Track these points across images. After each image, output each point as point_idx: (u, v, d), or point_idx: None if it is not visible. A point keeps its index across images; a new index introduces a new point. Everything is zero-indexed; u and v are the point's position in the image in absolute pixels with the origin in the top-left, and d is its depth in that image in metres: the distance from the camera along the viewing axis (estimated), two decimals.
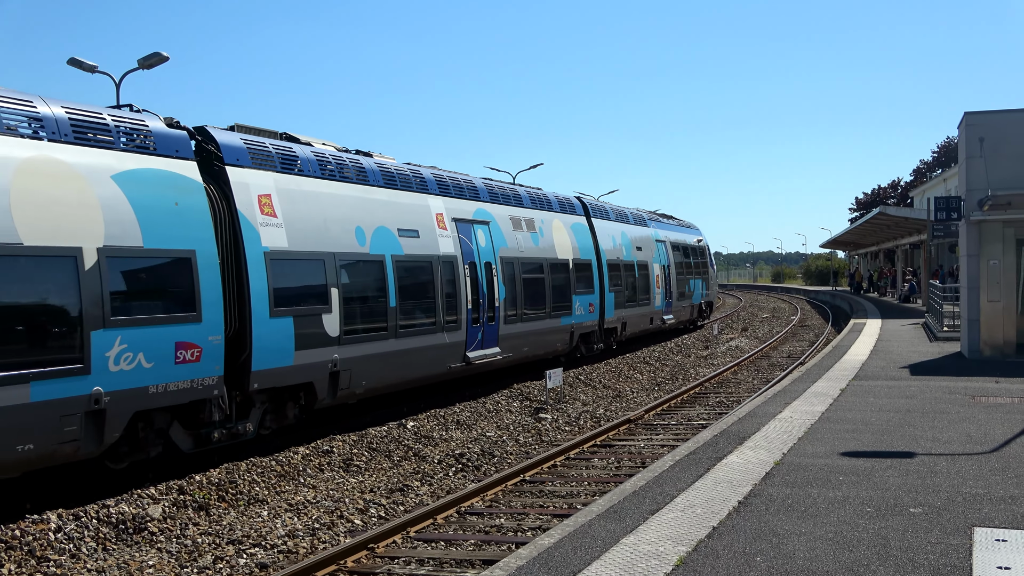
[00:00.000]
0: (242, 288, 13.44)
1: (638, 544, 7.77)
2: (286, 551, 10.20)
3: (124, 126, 12.36)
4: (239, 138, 14.37)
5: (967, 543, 7.60)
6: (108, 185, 11.63)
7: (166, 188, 12.45)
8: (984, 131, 21.18)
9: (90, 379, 10.96)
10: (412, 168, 19.14)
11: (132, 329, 11.53)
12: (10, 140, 10.69)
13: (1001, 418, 13.63)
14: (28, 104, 11.19)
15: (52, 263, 10.76)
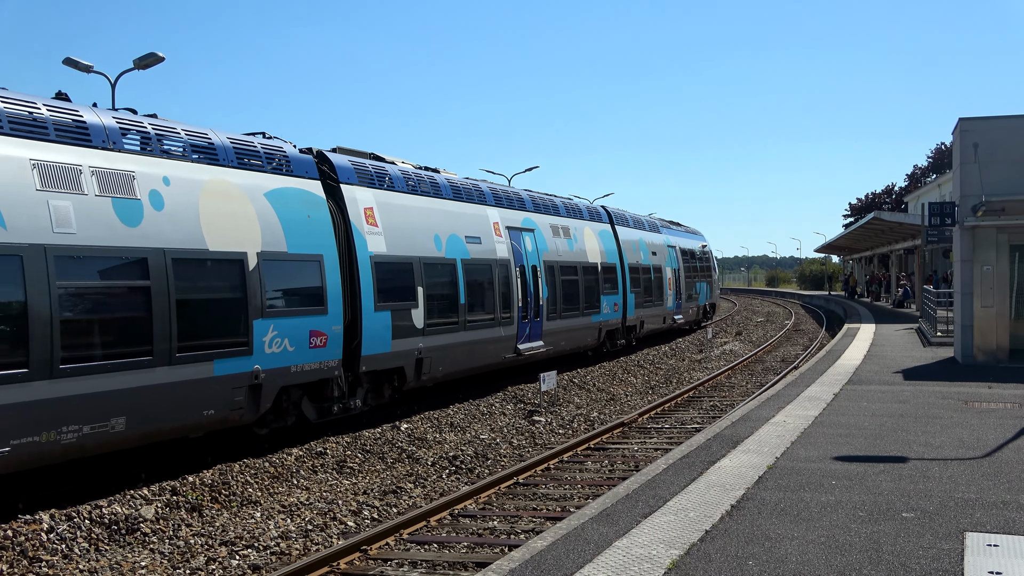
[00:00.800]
0: (354, 286, 16.04)
1: (631, 547, 7.78)
2: (279, 552, 10.19)
3: (269, 152, 14.92)
4: (347, 160, 17.05)
5: (959, 548, 7.63)
6: (262, 201, 14.16)
7: (300, 203, 15.04)
8: (978, 137, 21.26)
9: (252, 359, 13.48)
10: (472, 182, 21.85)
11: (280, 319, 14.12)
12: (195, 166, 13.25)
13: (994, 423, 13.67)
14: (205, 136, 13.78)
15: (228, 265, 13.28)
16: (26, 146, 10.93)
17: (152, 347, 11.95)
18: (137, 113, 13.24)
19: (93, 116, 12.15)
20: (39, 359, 10.47)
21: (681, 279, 37.72)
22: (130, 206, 11.97)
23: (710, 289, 44.96)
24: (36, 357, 10.45)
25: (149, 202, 12.27)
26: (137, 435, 11.98)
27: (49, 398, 10.60)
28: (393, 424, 16.59)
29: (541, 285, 23.10)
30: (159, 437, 12.64)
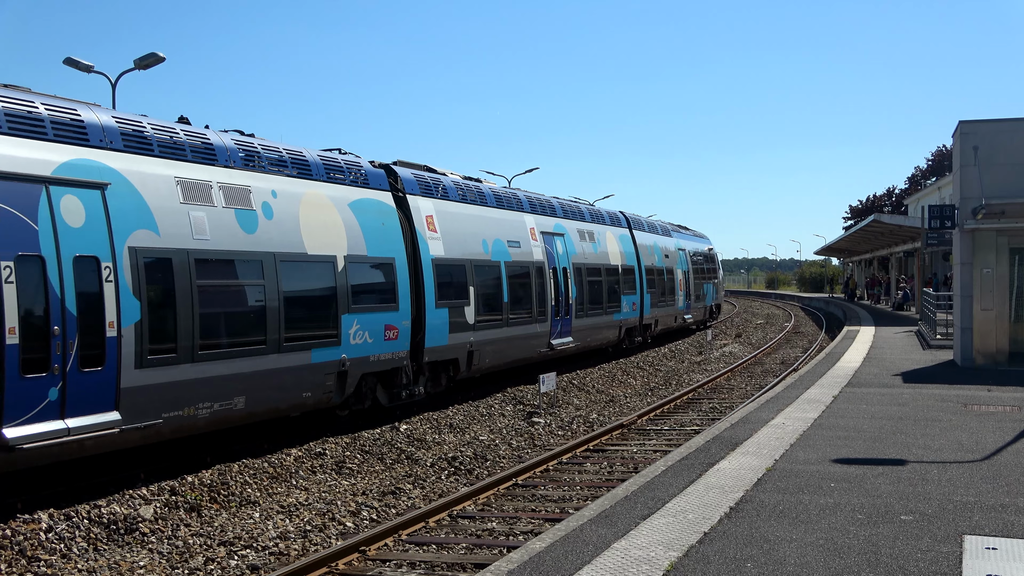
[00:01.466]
0: (419, 286, 17.92)
1: (629, 549, 7.78)
2: (277, 553, 10.19)
3: (350, 167, 16.82)
4: (411, 172, 19.07)
5: (957, 551, 7.63)
6: (346, 211, 16.14)
7: (376, 212, 17.04)
8: (978, 140, 21.26)
9: (340, 349, 15.42)
10: (511, 191, 24.23)
11: (362, 315, 16.02)
12: (295, 180, 15.22)
13: (993, 426, 13.67)
14: (300, 153, 15.77)
15: (322, 267, 15.21)
16: (171, 166, 12.90)
17: (265, 337, 13.91)
18: (244, 134, 15.24)
19: (217, 138, 14.15)
20: (184, 346, 12.44)
21: (691, 280, 39.70)
22: (248, 216, 13.92)
23: (716, 290, 47.18)
24: (182, 344, 12.40)
25: (262, 212, 14.23)
26: (252, 413, 13.96)
27: (191, 379, 12.53)
28: (392, 425, 16.59)
29: (571, 285, 25.04)
30: (268, 416, 14.62)
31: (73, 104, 12.08)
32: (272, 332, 13.97)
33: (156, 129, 12.99)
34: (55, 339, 10.74)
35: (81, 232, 11.26)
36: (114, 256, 11.59)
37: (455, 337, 19.07)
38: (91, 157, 11.72)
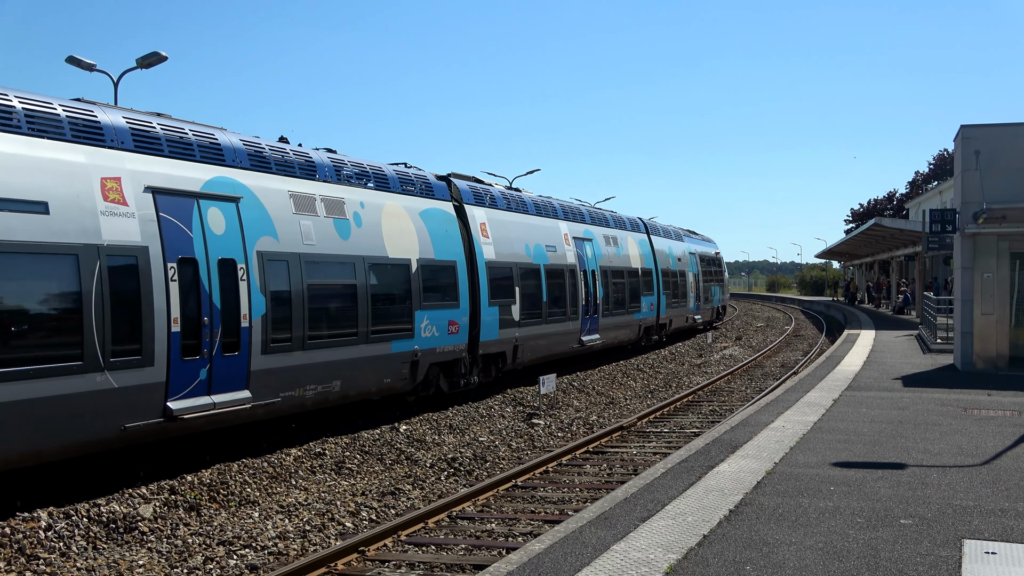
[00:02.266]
0: (475, 286, 19.92)
1: (628, 551, 7.78)
2: (277, 553, 10.19)
3: (418, 179, 19.02)
4: (467, 184, 21.27)
5: (957, 555, 7.63)
6: (417, 219, 18.19)
7: (441, 220, 19.12)
8: (980, 144, 21.25)
9: (413, 341, 17.52)
10: (546, 200, 25.89)
11: (431, 311, 18.08)
12: (378, 192, 17.31)
13: (993, 431, 13.67)
14: (381, 169, 17.91)
15: (399, 268, 17.30)
16: (285, 181, 14.96)
17: (357, 330, 15.94)
18: (331, 151, 17.15)
19: (317, 156, 16.26)
20: (297, 336, 14.43)
21: (700, 283, 41.71)
22: (343, 224, 15.98)
23: (722, 292, 49.27)
24: (296, 334, 14.39)
25: (353, 221, 16.23)
26: (346, 395, 15.95)
27: (301, 364, 14.49)
28: (392, 425, 16.59)
29: (598, 287, 27.04)
30: (356, 398, 16.66)
31: (211, 129, 14.10)
32: (362, 325, 16.05)
33: (272, 149, 15.19)
34: (205, 328, 12.76)
35: (222, 239, 13.23)
36: (247, 259, 13.63)
37: (504, 333, 21.12)
38: (227, 175, 13.74)
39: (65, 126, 11.56)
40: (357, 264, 16.00)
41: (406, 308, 17.41)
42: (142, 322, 11.81)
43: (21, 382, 10.31)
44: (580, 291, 25.42)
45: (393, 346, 16.89)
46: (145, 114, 13.15)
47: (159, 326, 12.01)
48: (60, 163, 11.21)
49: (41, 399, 10.55)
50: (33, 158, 10.92)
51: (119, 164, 11.97)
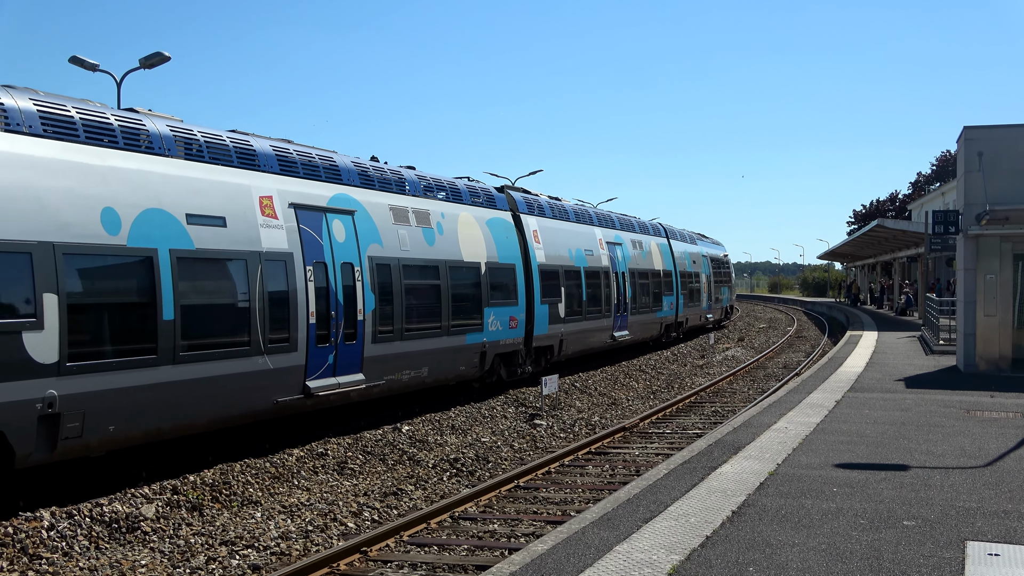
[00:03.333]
0: (529, 286, 22.39)
1: (631, 552, 7.77)
2: (279, 553, 10.19)
3: (483, 191, 21.83)
4: (521, 195, 24.15)
5: (960, 557, 7.62)
6: (484, 227, 20.80)
7: (503, 227, 21.76)
8: (983, 146, 21.23)
9: (482, 334, 19.98)
10: (583, 207, 28.68)
11: (496, 308, 20.56)
12: (453, 204, 19.91)
13: (995, 432, 13.65)
14: (454, 183, 20.61)
15: (472, 270, 19.75)
16: (386, 196, 17.49)
17: (440, 323, 18.38)
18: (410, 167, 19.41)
19: (408, 173, 18.89)
20: (397, 328, 16.91)
21: (712, 284, 44.17)
22: (429, 232, 18.49)
23: (730, 293, 52.72)
24: (396, 327, 16.86)
25: (436, 230, 18.76)
26: (431, 380, 18.41)
27: (400, 352, 16.99)
28: (394, 426, 16.59)
29: (627, 287, 29.62)
30: (438, 383, 19.03)
31: (329, 152, 16.70)
32: (444, 320, 18.51)
33: (375, 169, 17.77)
34: (332, 321, 15.20)
35: (343, 246, 15.78)
36: (360, 262, 16.14)
37: (552, 328, 23.56)
38: (345, 192, 16.32)
39: (233, 154, 14.11)
40: (440, 267, 18.57)
41: (477, 305, 19.89)
42: (289, 315, 14.26)
43: (208, 363, 12.77)
44: (612, 291, 28.09)
45: (467, 338, 19.44)
46: (279, 140, 15.65)
47: (301, 318, 14.46)
48: (231, 185, 13.72)
49: (222, 376, 12.96)
50: (214, 182, 13.41)
51: (270, 184, 14.52)
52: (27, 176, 10.81)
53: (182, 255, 12.44)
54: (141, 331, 11.91)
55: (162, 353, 12.00)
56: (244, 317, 13.43)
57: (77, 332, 10.99)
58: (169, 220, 12.39)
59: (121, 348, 11.65)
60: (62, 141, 11.47)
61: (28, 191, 10.74)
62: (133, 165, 12.27)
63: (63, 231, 10.95)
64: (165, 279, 12.09)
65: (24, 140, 11.00)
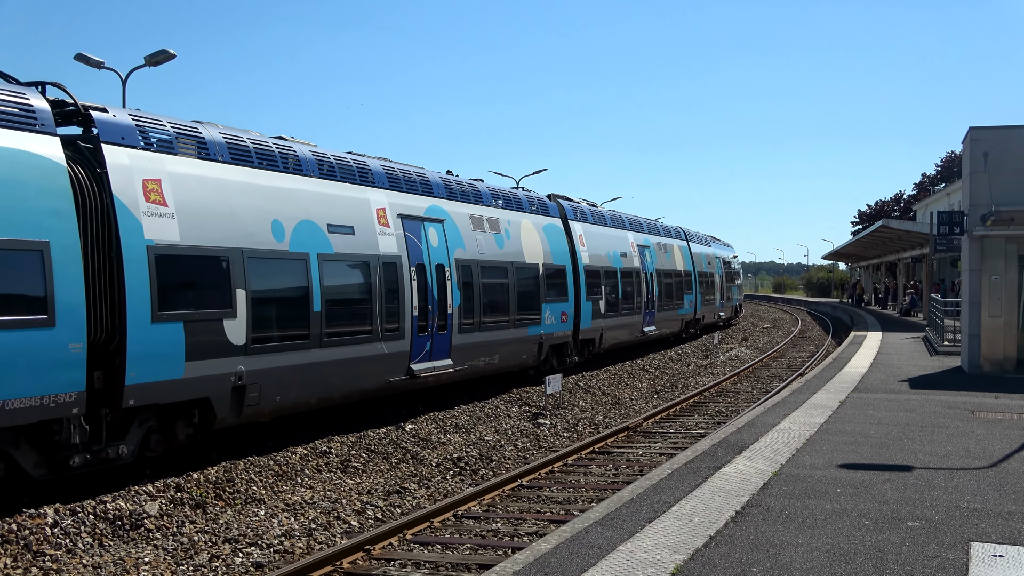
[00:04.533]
0: (577, 285, 25.24)
1: (635, 552, 7.77)
2: (282, 551, 10.20)
3: (539, 200, 24.94)
4: (568, 204, 26.86)
5: (964, 558, 7.61)
6: (541, 232, 23.68)
7: (555, 232, 24.65)
8: (988, 146, 21.18)
9: (540, 327, 22.72)
10: (617, 214, 31.78)
11: (551, 304, 23.33)
12: (516, 213, 22.86)
13: (1000, 434, 13.63)
14: (516, 194, 23.82)
15: (533, 270, 22.59)
16: (466, 207, 20.42)
17: (508, 316, 21.16)
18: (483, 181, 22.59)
19: (481, 186, 21.95)
20: (477, 320, 19.71)
21: (724, 284, 47.20)
22: (499, 238, 21.35)
23: (740, 292, 56.08)
24: (476, 319, 19.67)
25: (504, 235, 21.60)
26: (501, 366, 21.34)
27: (479, 342, 19.87)
28: (398, 424, 16.60)
29: (655, 287, 32.77)
30: (505, 369, 21.84)
31: (422, 168, 19.60)
32: (511, 313, 21.29)
33: (457, 183, 20.72)
34: (429, 314, 17.87)
35: (436, 249, 18.44)
36: (449, 264, 18.80)
37: (594, 322, 26.33)
38: (436, 203, 19.12)
39: (356, 173, 16.84)
40: (508, 267, 21.33)
41: (536, 302, 22.62)
42: (399, 308, 16.91)
43: (343, 347, 15.39)
44: (643, 290, 31.06)
45: (528, 331, 22.22)
46: (378, 159, 18.30)
47: (407, 311, 17.14)
48: (357, 200, 16.50)
49: (352, 359, 15.61)
50: (344, 197, 16.21)
51: (383, 198, 17.27)
52: (224, 196, 13.47)
53: (326, 258, 15.13)
54: (298, 320, 14.54)
55: (312, 338, 14.67)
56: (368, 310, 16.21)
57: (257, 320, 13.55)
58: (316, 229, 15.10)
59: (285, 334, 14.27)
60: (243, 166, 14.13)
61: (225, 207, 13.39)
62: (290, 185, 15.00)
63: (248, 239, 13.62)
64: (315, 278, 14.79)
65: (220, 167, 13.65)
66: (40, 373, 10.54)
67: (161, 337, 12.12)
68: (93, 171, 11.76)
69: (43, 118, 11.19)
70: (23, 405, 10.37)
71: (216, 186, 13.35)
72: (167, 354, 12.20)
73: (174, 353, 12.30)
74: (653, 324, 32.29)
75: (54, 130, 11.29)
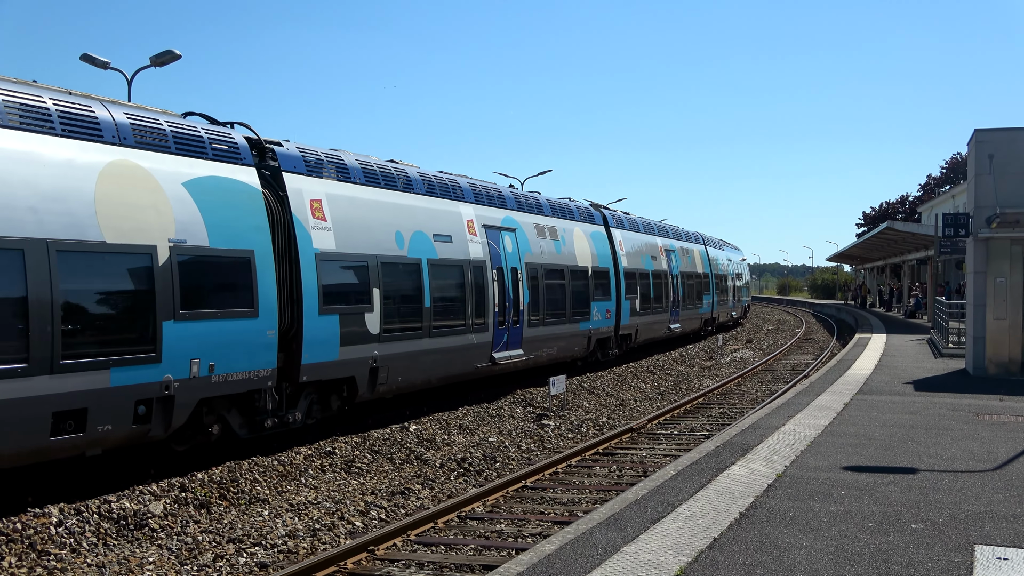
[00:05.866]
0: (618, 286, 28.14)
1: (639, 553, 7.77)
2: (286, 551, 10.20)
3: (586, 210, 28.04)
4: (609, 213, 30.10)
5: (968, 560, 7.60)
6: (589, 238, 26.60)
7: (600, 239, 27.64)
8: (994, 148, 21.15)
9: (589, 323, 25.59)
10: (648, 221, 34.95)
11: (597, 302, 26.17)
12: (568, 222, 25.82)
13: (1004, 436, 13.61)
14: (568, 204, 26.92)
15: (582, 272, 25.43)
16: (532, 217, 23.44)
17: (565, 313, 24.02)
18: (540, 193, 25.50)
19: (540, 198, 24.95)
20: (541, 316, 22.58)
21: (735, 285, 50.35)
22: (556, 244, 24.26)
23: (748, 293, 59.66)
24: (541, 315, 22.54)
25: (561, 241, 24.60)
26: (559, 357, 24.21)
27: (543, 335, 22.78)
28: (402, 425, 16.61)
29: (679, 288, 35.71)
30: (562, 359, 24.70)
31: (494, 183, 22.82)
32: (567, 310, 24.19)
33: (523, 196, 24.01)
34: (507, 310, 20.77)
35: (510, 254, 21.46)
36: (520, 267, 21.72)
37: (631, 319, 29.27)
38: (509, 215, 22.23)
39: (450, 189, 19.79)
40: (564, 270, 24.19)
41: (586, 300, 25.34)
42: (484, 305, 19.74)
43: (445, 337, 18.27)
44: (669, 291, 34.13)
45: (580, 326, 24.95)
46: (460, 175, 21.30)
47: (490, 307, 19.97)
48: (453, 213, 19.43)
49: (451, 347, 18.51)
50: (444, 211, 19.08)
51: (471, 211, 20.25)
52: (361, 211, 16.36)
53: (433, 263, 17.99)
54: (414, 314, 17.39)
55: (424, 329, 17.58)
56: (462, 306, 19.07)
57: (387, 314, 16.41)
58: (425, 239, 17.99)
59: (405, 326, 17.06)
60: (373, 187, 17.01)
61: (363, 221, 16.31)
62: (406, 202, 17.95)
63: (380, 247, 16.55)
64: (426, 279, 17.68)
65: (358, 187, 16.57)
66: (249, 353, 13.43)
67: (324, 326, 14.97)
68: (277, 194, 14.60)
69: (244, 152, 14.13)
70: (238, 378, 13.28)
71: (357, 204, 16.32)
72: (328, 340, 15.05)
73: (332, 339, 15.15)
74: (678, 322, 35.36)
75: (251, 162, 14.21)
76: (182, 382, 12.35)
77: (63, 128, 11.44)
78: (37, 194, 10.78)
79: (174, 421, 12.36)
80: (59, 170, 11.18)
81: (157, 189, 12.37)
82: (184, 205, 12.67)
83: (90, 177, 11.50)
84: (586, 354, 26.06)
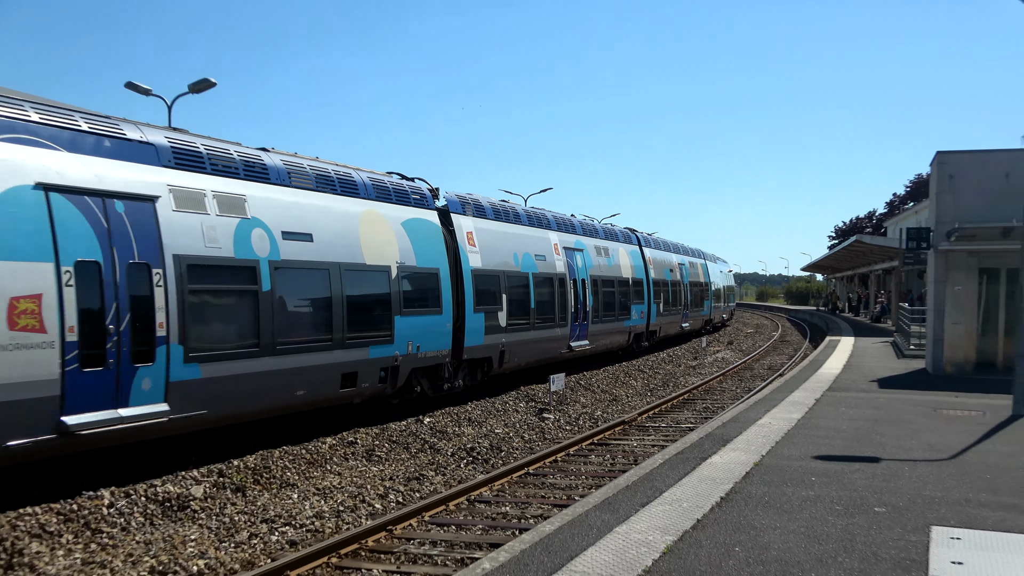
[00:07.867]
0: (650, 293, 32.51)
1: (630, 533, 7.87)
2: (314, 530, 10.32)
3: (626, 232, 32.69)
4: (642, 235, 34.82)
5: (925, 540, 7.69)
6: (628, 256, 30.56)
7: (637, 256, 31.62)
8: (954, 169, 21.25)
9: (630, 321, 30.05)
10: (667, 240, 39.68)
11: (635, 305, 30.16)
12: (613, 242, 29.72)
13: (959, 429, 13.67)
14: (613, 228, 31.43)
15: (626, 282, 29.66)
16: (592, 241, 27.35)
17: (615, 314, 28.10)
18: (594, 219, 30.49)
19: (596, 224, 29.11)
20: (600, 315, 26.49)
21: (726, 292, 54.64)
22: (609, 261, 28.28)
23: (733, 299, 64.26)
24: (600, 315, 26.39)
25: (611, 258, 28.68)
26: (609, 346, 28.38)
27: (602, 330, 26.89)
28: (417, 418, 16.71)
29: (689, 294, 40.47)
30: (610, 349, 28.91)
31: (564, 214, 26.90)
32: (617, 312, 28.38)
33: (586, 223, 27.97)
34: (578, 310, 24.83)
35: (580, 269, 25.34)
36: (587, 278, 25.60)
37: (658, 319, 33.68)
38: (579, 239, 26.33)
39: (541, 221, 23.98)
40: (614, 281, 28.32)
41: (628, 304, 29.53)
42: (565, 307, 23.86)
43: (542, 330, 22.45)
44: (681, 296, 38.73)
45: (624, 323, 29.17)
46: (547, 210, 25.31)
47: (568, 308, 24.07)
48: (544, 238, 23.58)
49: (545, 338, 22.69)
50: (540, 237, 23.39)
51: (556, 237, 24.45)
52: (493, 239, 20.54)
53: (535, 276, 22.22)
54: (524, 312, 21.49)
55: (531, 324, 21.74)
56: (551, 307, 23.10)
57: (510, 312, 20.60)
58: (530, 258, 22.22)
59: (519, 321, 21.13)
60: (498, 221, 21.29)
61: (495, 246, 20.52)
62: (517, 231, 22.23)
63: (505, 265, 20.86)
64: (531, 288, 21.91)
65: (490, 222, 20.82)
66: (437, 338, 17.64)
67: (477, 321, 19.21)
68: (448, 228, 18.86)
69: (428, 200, 18.46)
70: (432, 355, 17.49)
71: (491, 233, 20.57)
72: (478, 330, 19.27)
73: (480, 330, 19.38)
74: (687, 321, 40.10)
75: (434, 206, 18.53)
76: (404, 357, 16.48)
77: (341, 189, 15.65)
78: (332, 233, 14.78)
79: (398, 383, 16.51)
80: (341, 217, 15.21)
81: (388, 228, 16.53)
82: (402, 239, 16.80)
83: (355, 221, 15.58)
84: (627, 345, 30.28)
